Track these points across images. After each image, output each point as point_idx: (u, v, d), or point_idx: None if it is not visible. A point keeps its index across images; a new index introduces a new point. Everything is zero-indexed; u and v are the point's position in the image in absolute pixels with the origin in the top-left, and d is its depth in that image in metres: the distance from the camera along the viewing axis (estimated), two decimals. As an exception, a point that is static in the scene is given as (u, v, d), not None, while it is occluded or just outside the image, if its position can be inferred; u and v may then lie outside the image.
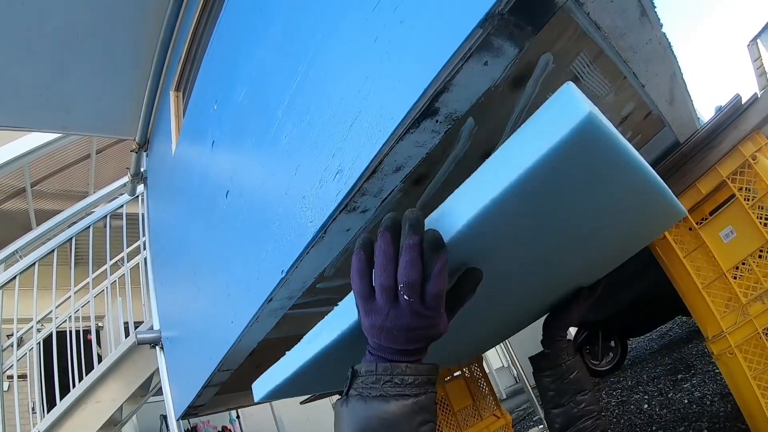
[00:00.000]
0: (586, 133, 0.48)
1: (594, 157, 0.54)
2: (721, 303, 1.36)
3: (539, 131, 0.49)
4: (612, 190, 0.68)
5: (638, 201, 0.83)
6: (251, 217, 0.92)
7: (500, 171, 0.51)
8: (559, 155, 0.48)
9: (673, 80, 1.10)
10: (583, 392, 1.22)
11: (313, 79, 0.72)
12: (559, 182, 0.55)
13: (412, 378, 0.64)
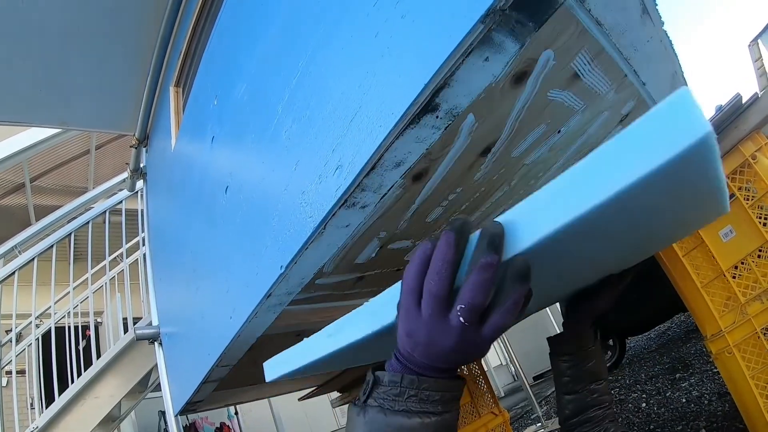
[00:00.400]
0: (701, 151, 0.40)
1: (695, 174, 0.48)
2: (720, 302, 1.37)
3: (651, 140, 0.41)
4: (691, 199, 0.61)
5: (704, 206, 0.80)
6: (250, 213, 0.92)
7: (598, 180, 0.43)
8: (669, 171, 0.41)
9: (674, 79, 1.10)
10: (598, 381, 1.18)
11: (313, 75, 0.72)
12: (652, 196, 0.48)
13: (438, 395, 0.58)
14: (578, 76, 0.87)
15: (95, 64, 1.98)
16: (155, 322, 2.07)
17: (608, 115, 1.06)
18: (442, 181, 0.82)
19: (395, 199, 0.76)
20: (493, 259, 0.47)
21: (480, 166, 0.87)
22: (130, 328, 3.42)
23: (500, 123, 0.81)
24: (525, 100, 0.80)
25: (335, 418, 8.63)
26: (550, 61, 0.77)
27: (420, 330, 0.53)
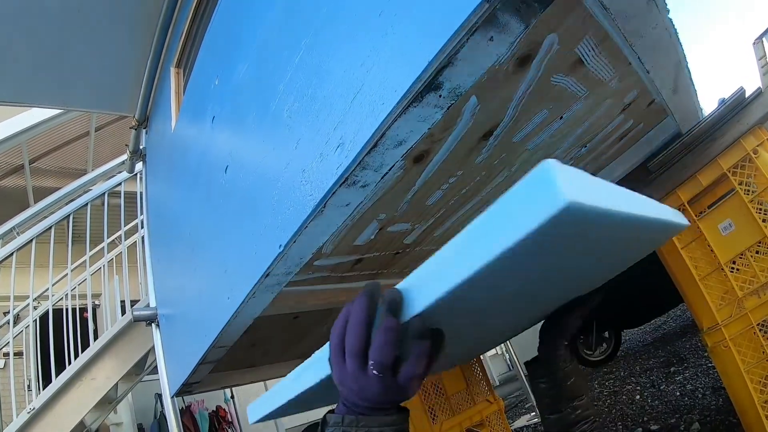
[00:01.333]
0: (566, 218, 0.43)
1: (579, 232, 0.51)
2: (717, 295, 1.37)
3: (511, 215, 0.45)
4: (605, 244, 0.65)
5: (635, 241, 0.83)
6: (250, 192, 0.92)
7: (469, 253, 0.48)
8: (539, 236, 0.44)
9: (678, 69, 1.10)
10: (579, 398, 1.20)
11: (316, 54, 0.72)
12: (538, 256, 0.51)
13: (377, 429, 0.64)
14: (582, 61, 0.87)
15: (96, 45, 1.97)
16: (153, 304, 2.07)
17: (611, 104, 1.06)
18: (443, 164, 0.82)
19: (396, 180, 0.76)
20: (392, 322, 0.53)
21: (481, 149, 0.87)
22: (128, 310, 3.43)
23: (503, 106, 0.81)
24: (528, 83, 0.79)
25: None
26: (554, 45, 0.76)
27: (347, 380, 0.59)
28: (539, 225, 0.42)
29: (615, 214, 0.52)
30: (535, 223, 0.42)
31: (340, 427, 0.63)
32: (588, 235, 0.54)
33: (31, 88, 2.17)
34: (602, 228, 0.54)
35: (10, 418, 3.14)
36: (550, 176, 0.43)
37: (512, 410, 5.17)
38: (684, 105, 1.25)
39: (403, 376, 0.57)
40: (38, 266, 3.39)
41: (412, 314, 0.52)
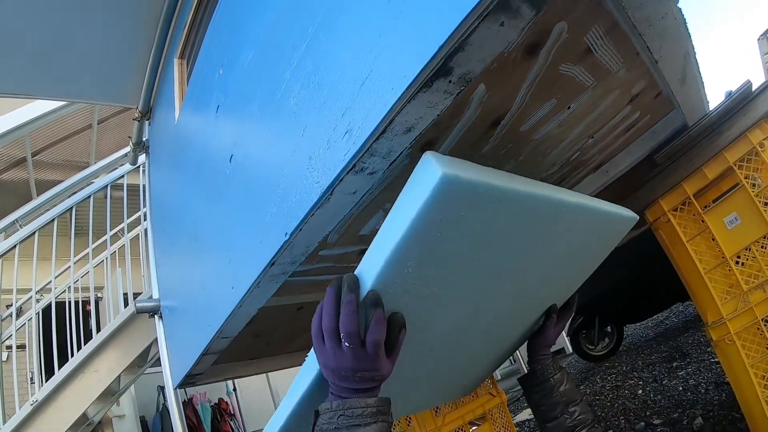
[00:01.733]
0: (447, 192, 0.60)
1: (470, 202, 0.66)
2: (722, 289, 1.37)
3: (407, 202, 0.62)
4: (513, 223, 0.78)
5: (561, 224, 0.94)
6: (256, 181, 0.91)
7: (388, 234, 0.65)
8: (432, 213, 0.61)
9: (686, 59, 1.09)
10: (573, 403, 1.27)
11: (323, 40, 0.71)
12: (443, 228, 0.66)
13: (360, 410, 0.73)
14: (591, 50, 0.86)
15: (99, 37, 1.96)
16: (156, 296, 2.08)
17: (618, 94, 1.05)
18: (450, 153, 0.81)
19: (403, 168, 0.75)
20: (350, 296, 0.67)
21: (489, 138, 0.86)
22: (131, 302, 3.43)
23: (511, 95, 0.81)
24: (536, 72, 0.79)
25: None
26: (563, 34, 0.76)
27: (329, 360, 0.71)
28: (428, 197, 0.59)
29: (497, 188, 0.68)
30: (424, 195, 0.58)
31: (329, 411, 0.72)
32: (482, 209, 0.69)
33: (33, 80, 2.17)
34: (492, 203, 0.69)
35: (12, 410, 3.15)
36: (427, 159, 0.60)
37: (514, 404, 5.19)
38: (691, 97, 1.24)
39: (368, 343, 0.69)
40: (41, 259, 3.40)
41: (365, 290, 0.68)
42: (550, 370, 1.30)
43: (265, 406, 7.24)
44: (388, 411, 0.77)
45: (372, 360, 0.71)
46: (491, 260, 0.83)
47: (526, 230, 0.83)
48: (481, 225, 0.71)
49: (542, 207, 0.81)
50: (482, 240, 0.75)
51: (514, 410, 4.77)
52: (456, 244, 0.71)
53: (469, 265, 0.79)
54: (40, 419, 3.13)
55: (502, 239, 0.79)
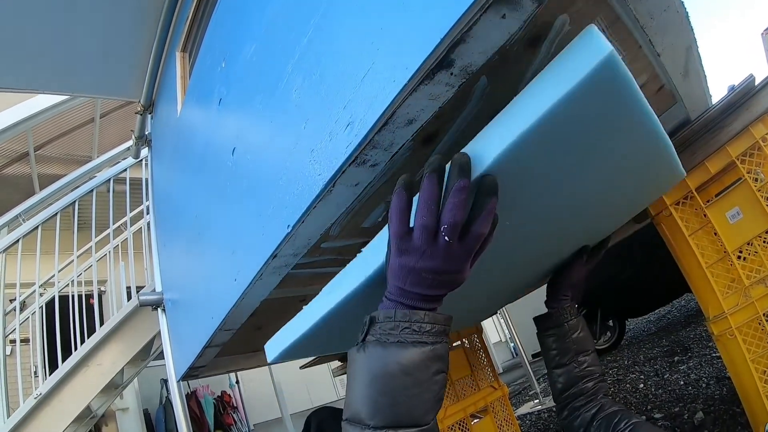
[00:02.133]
0: (608, 71, 0.52)
1: (613, 97, 0.59)
2: (724, 284, 1.36)
3: (566, 68, 0.53)
4: (624, 137, 0.72)
5: (645, 154, 0.88)
6: (258, 173, 0.92)
7: (529, 106, 0.55)
8: (584, 91, 0.53)
9: (688, 53, 1.09)
10: (585, 353, 1.25)
11: (325, 32, 0.71)
12: (581, 120, 0.59)
13: (429, 326, 0.67)
14: (593, 44, 0.86)
15: (101, 31, 1.97)
16: (159, 289, 2.09)
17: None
18: (452, 145, 0.81)
19: (405, 160, 0.75)
20: (464, 182, 0.58)
21: (490, 131, 0.86)
22: (134, 295, 3.45)
23: (512, 88, 0.81)
24: (539, 64, 0.79)
25: (335, 389, 8.79)
26: (565, 26, 0.76)
27: (412, 257, 0.63)
28: (590, 71, 0.51)
29: (640, 96, 0.61)
30: (586, 69, 0.51)
31: (391, 321, 0.66)
32: (617, 111, 0.62)
33: (35, 75, 2.17)
34: (630, 108, 0.63)
35: (17, 404, 3.17)
36: (592, 32, 0.53)
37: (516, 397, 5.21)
38: (693, 90, 1.24)
39: (471, 236, 0.62)
40: (44, 253, 3.42)
41: (480, 172, 0.59)
42: (566, 314, 1.28)
43: (268, 398, 7.27)
44: (449, 331, 0.72)
45: (464, 259, 0.64)
46: (582, 176, 0.78)
47: (622, 154, 0.78)
48: (601, 133, 0.66)
49: (649, 129, 0.75)
50: (592, 151, 0.70)
51: (515, 403, 4.79)
52: (576, 146, 0.65)
53: (566, 176, 0.74)
54: (44, 413, 3.15)
55: (602, 157, 0.74)
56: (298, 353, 0.97)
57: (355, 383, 0.67)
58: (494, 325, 11.02)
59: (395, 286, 0.67)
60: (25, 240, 3.42)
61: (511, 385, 6.39)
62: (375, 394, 0.64)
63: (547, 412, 3.81)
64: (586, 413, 1.18)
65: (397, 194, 0.62)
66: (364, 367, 0.66)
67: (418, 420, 0.66)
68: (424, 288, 0.66)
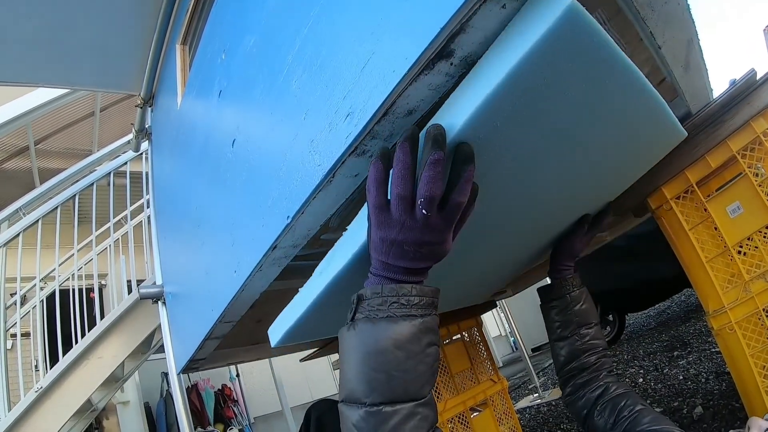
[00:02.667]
0: (570, 23, 0.52)
1: (582, 50, 0.58)
2: (724, 278, 1.36)
3: (528, 24, 0.53)
4: (605, 91, 0.71)
5: (632, 109, 0.86)
6: (258, 165, 0.92)
7: (493, 67, 0.55)
8: (547, 46, 0.53)
9: (690, 46, 1.08)
10: (587, 325, 1.23)
11: (325, 23, 0.71)
12: (549, 77, 0.59)
13: (417, 299, 0.67)
14: (594, 36, 0.86)
15: (100, 24, 1.96)
16: (159, 282, 2.09)
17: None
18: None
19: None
20: (439, 155, 0.56)
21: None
22: (134, 289, 3.46)
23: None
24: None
25: (335, 382, 8.83)
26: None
27: (392, 229, 0.62)
28: (552, 25, 0.51)
29: (611, 46, 0.60)
30: (548, 22, 0.51)
31: (379, 296, 0.66)
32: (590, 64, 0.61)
33: (35, 68, 2.17)
34: (601, 60, 0.62)
35: (18, 397, 3.18)
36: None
37: (516, 391, 5.23)
38: (694, 84, 1.23)
39: (450, 207, 0.61)
40: (44, 247, 3.42)
41: (452, 138, 0.58)
42: (568, 285, 1.26)
43: (268, 392, 7.30)
44: (437, 304, 0.71)
45: (444, 230, 0.64)
46: (566, 138, 0.77)
47: (607, 110, 0.77)
48: (576, 88, 0.65)
49: (630, 82, 0.74)
50: (568, 109, 0.68)
51: (515, 397, 4.81)
52: (548, 104, 0.64)
53: (543, 139, 0.72)
54: (45, 406, 3.17)
55: (582, 114, 0.73)
56: (299, 336, 0.98)
57: (348, 363, 0.67)
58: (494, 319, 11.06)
59: (378, 261, 0.67)
60: (26, 234, 3.43)
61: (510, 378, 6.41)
62: (369, 371, 0.64)
63: (546, 406, 3.83)
64: (590, 394, 1.17)
65: (373, 165, 0.61)
66: (355, 345, 0.66)
67: (414, 394, 0.66)
68: (408, 261, 0.66)
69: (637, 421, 1.01)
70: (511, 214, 0.96)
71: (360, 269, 0.74)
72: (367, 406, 0.64)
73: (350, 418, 0.65)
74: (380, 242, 0.65)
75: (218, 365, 1.92)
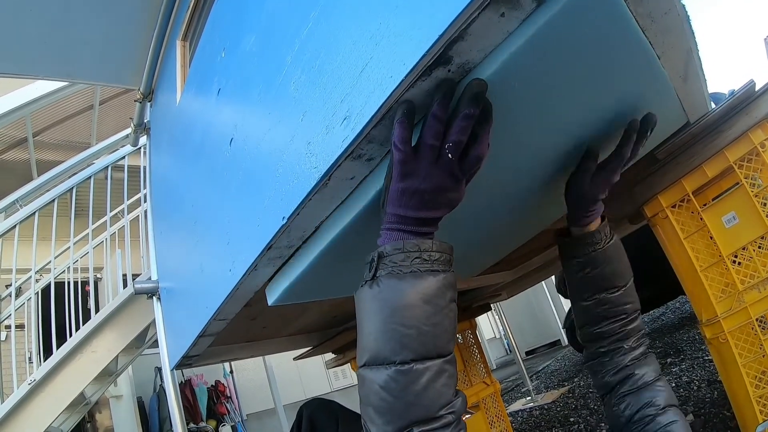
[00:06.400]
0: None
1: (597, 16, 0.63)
2: (718, 288, 1.37)
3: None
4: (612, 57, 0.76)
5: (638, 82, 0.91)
6: (255, 165, 0.92)
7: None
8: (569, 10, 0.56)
9: (689, 56, 1.08)
10: (610, 290, 1.04)
11: (325, 25, 0.71)
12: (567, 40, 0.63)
13: (437, 254, 0.68)
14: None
15: (101, 17, 1.95)
16: (154, 277, 2.09)
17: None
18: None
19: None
20: (475, 111, 0.61)
21: (487, 129, 0.86)
22: (129, 283, 3.45)
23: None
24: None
25: (328, 381, 8.84)
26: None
27: (416, 178, 0.65)
28: None
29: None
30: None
31: (401, 252, 0.67)
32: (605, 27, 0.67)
33: (35, 60, 2.16)
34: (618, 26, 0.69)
35: (11, 389, 3.18)
36: None
37: (508, 394, 5.23)
38: (693, 94, 1.24)
39: (471, 156, 0.66)
40: (41, 239, 3.41)
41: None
42: (588, 243, 1.04)
43: (262, 389, 7.31)
44: (453, 262, 0.72)
45: (461, 179, 0.68)
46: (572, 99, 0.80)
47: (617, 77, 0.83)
48: (591, 48, 0.69)
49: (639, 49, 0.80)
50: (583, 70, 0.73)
51: (507, 400, 4.81)
52: (565, 63, 0.68)
53: (555, 100, 0.76)
54: (39, 398, 3.16)
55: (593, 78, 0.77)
56: (297, 294, 0.99)
57: (372, 322, 0.66)
58: (489, 322, 11.09)
59: (394, 215, 0.69)
60: (22, 226, 3.42)
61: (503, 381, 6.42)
62: (398, 328, 0.64)
63: (538, 409, 3.83)
64: (610, 377, 1.02)
65: (400, 124, 0.62)
66: (380, 302, 0.65)
67: (442, 349, 0.66)
68: (426, 210, 0.68)
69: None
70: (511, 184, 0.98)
71: (363, 228, 0.78)
72: (397, 365, 0.63)
73: (375, 382, 0.64)
74: (401, 194, 0.67)
75: (212, 362, 1.92)
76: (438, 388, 0.64)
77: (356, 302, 0.70)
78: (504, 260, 1.88)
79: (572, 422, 3.03)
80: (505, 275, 2.10)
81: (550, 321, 8.42)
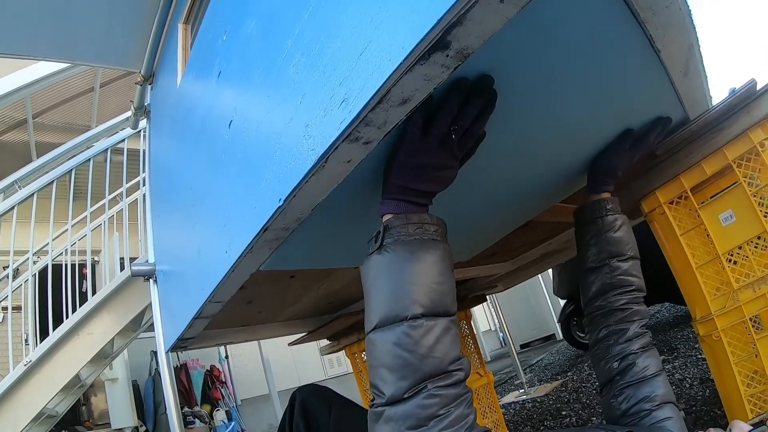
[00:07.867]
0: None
1: None
2: (713, 285, 1.37)
3: None
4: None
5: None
6: (253, 147, 0.92)
7: None
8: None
9: (690, 51, 1.08)
10: (621, 257, 1.12)
11: (326, 8, 0.71)
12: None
13: (435, 227, 0.76)
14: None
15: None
16: (151, 260, 2.09)
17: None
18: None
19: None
20: (481, 102, 0.72)
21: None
22: (127, 267, 3.45)
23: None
24: (536, 54, 0.79)
25: (323, 368, 8.88)
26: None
27: (424, 156, 0.73)
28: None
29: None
30: None
31: (405, 224, 0.74)
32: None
33: (36, 42, 2.15)
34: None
35: (6, 370, 3.19)
36: None
37: (501, 386, 5.26)
38: (693, 90, 1.24)
39: (470, 137, 0.76)
40: (39, 221, 3.40)
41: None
42: (602, 208, 1.16)
43: (257, 375, 7.34)
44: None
45: (458, 157, 0.77)
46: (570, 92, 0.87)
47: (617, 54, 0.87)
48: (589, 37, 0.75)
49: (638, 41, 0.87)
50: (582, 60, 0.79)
51: (500, 392, 4.84)
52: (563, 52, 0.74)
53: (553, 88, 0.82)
54: (34, 380, 3.17)
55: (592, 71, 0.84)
56: (288, 260, 1.03)
57: (381, 286, 0.72)
58: (484, 314, 11.13)
59: (398, 186, 0.76)
60: (21, 207, 3.42)
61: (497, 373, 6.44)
62: (408, 285, 0.70)
63: (531, 402, 3.86)
64: (612, 363, 1.06)
65: (413, 121, 0.71)
66: (391, 264, 0.72)
67: (449, 308, 0.72)
68: (430, 184, 0.77)
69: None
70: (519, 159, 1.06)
71: (352, 194, 0.84)
72: (409, 320, 0.68)
73: (388, 340, 0.69)
74: (409, 168, 0.75)
75: (207, 345, 1.93)
76: (447, 343, 0.69)
77: (363, 272, 0.76)
78: (501, 251, 1.88)
79: (564, 415, 3.05)
80: (502, 266, 2.11)
81: (545, 315, 8.45)
